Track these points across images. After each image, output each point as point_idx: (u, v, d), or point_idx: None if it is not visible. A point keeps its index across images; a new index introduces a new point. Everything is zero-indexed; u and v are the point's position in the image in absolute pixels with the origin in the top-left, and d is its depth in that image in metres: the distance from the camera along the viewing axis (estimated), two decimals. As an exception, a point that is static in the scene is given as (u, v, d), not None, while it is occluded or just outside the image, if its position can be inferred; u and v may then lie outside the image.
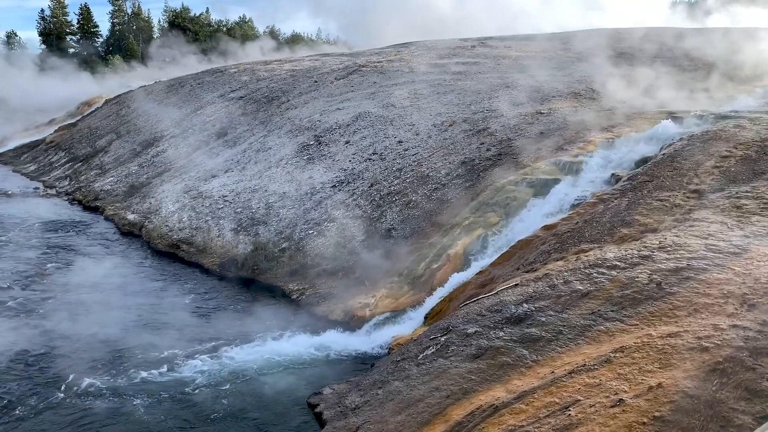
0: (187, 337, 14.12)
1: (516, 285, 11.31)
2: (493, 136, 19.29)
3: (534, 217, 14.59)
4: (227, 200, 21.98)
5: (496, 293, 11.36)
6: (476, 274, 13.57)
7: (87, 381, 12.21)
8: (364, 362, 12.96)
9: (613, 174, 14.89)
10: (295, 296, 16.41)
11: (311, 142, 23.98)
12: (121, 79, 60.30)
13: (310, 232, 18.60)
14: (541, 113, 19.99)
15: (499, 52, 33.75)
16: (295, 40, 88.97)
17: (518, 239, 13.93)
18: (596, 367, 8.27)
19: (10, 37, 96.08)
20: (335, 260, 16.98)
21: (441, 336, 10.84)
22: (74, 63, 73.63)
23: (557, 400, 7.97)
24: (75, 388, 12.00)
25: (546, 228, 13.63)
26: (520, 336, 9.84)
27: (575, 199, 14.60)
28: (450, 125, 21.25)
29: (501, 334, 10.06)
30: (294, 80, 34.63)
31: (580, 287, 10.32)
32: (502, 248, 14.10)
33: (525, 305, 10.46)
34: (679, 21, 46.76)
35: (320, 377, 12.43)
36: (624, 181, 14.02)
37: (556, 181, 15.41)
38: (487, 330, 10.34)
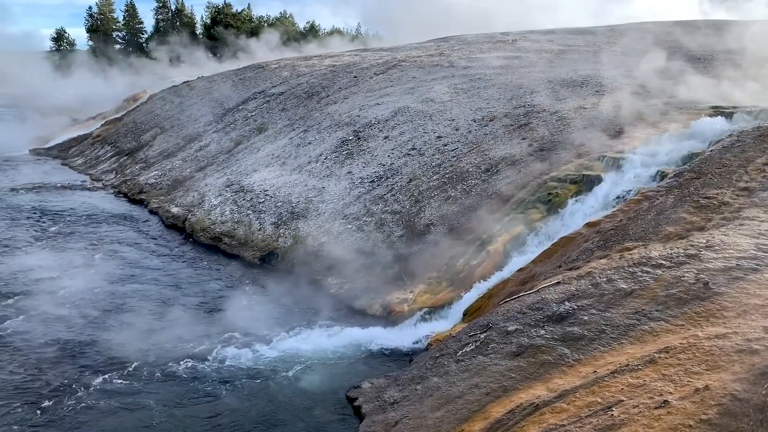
0: (228, 329, 14.36)
1: (558, 283, 11.17)
2: (534, 131, 19.06)
3: (577, 214, 14.38)
4: (268, 194, 22.24)
5: (538, 291, 11.25)
6: (517, 271, 13.45)
7: (132, 370, 12.52)
8: (402, 357, 12.98)
9: (658, 170, 14.55)
10: (333, 290, 16.51)
11: (350, 138, 24.07)
12: (165, 75, 61.45)
13: (349, 226, 18.69)
14: (584, 108, 19.65)
15: (541, 46, 33.30)
16: (332, 34, 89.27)
17: (560, 236, 13.76)
18: (640, 367, 8.12)
19: (60, 33, 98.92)
20: (373, 255, 17.03)
21: (481, 333, 10.78)
22: (120, 59, 75.30)
23: (599, 400, 7.86)
24: (119, 377, 12.31)
25: (589, 225, 13.42)
26: (562, 334, 9.72)
27: (619, 196, 14.33)
28: (491, 120, 21.07)
29: (542, 332, 9.96)
30: (334, 75, 34.79)
31: (623, 286, 10.14)
32: (544, 245, 13.94)
33: (567, 303, 10.33)
34: (721, 13, 45.46)
35: (358, 371, 12.51)
36: (670, 178, 13.70)
37: (600, 177, 15.14)
38: (528, 328, 10.25)
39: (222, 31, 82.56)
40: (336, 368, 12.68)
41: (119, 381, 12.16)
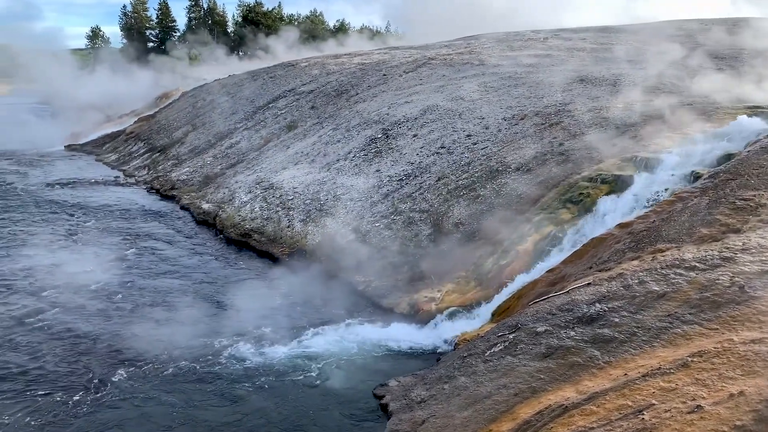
0: (255, 325, 14.49)
1: (588, 284, 11.05)
2: (566, 130, 18.85)
3: (608, 215, 14.18)
4: (297, 192, 22.40)
5: (568, 292, 11.13)
6: (546, 271, 13.32)
7: (159, 365, 12.71)
8: (429, 356, 12.97)
9: (692, 171, 14.27)
10: (361, 287, 16.55)
11: (379, 136, 24.10)
12: (196, 73, 62.23)
13: (377, 224, 18.72)
14: (617, 107, 19.38)
15: (573, 44, 32.91)
16: (363, 32, 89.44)
17: (591, 237, 13.58)
18: (672, 371, 7.98)
19: (95, 32, 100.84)
20: (401, 253, 17.03)
21: (509, 333, 10.72)
22: (153, 57, 76.45)
23: (630, 403, 7.75)
24: (147, 371, 12.52)
25: (621, 226, 13.23)
26: (592, 336, 9.61)
27: (652, 197, 14.09)
28: (521, 119, 20.90)
29: (572, 333, 9.86)
30: (363, 73, 34.85)
31: (656, 288, 9.98)
32: (574, 246, 13.78)
33: (597, 305, 10.21)
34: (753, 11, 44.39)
35: (385, 369, 12.52)
36: (705, 179, 13.43)
37: (632, 177, 14.90)
38: (558, 329, 10.16)
39: (253, 29, 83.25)
40: (363, 366, 12.72)
41: (146, 375, 12.33)
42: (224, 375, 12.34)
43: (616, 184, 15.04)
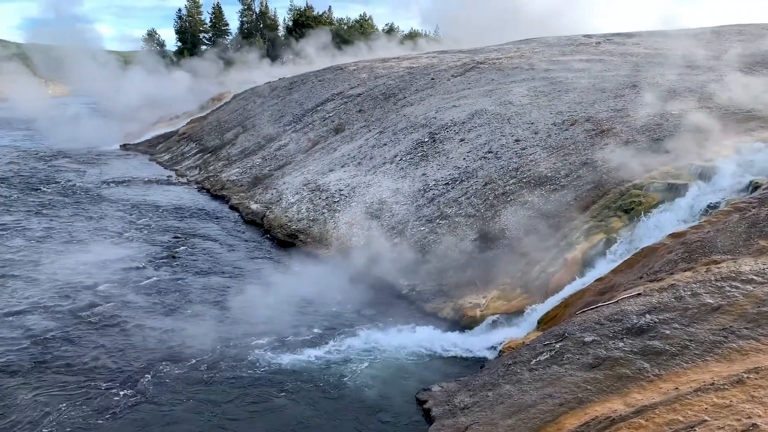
0: (300, 326, 14.65)
1: (639, 294, 10.79)
2: (618, 137, 18.46)
3: (660, 224, 13.81)
4: (343, 194, 22.56)
5: (617, 302, 10.89)
6: (595, 280, 13.05)
7: (204, 362, 12.96)
8: (473, 363, 12.87)
9: (751, 181, 13.79)
10: (405, 291, 16.54)
11: (426, 139, 24.08)
12: (248, 75, 63.40)
13: (422, 228, 18.69)
14: (671, 114, 18.88)
15: (625, 49, 32.24)
16: (412, 36, 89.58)
17: (642, 246, 13.25)
18: (726, 386, 7.72)
19: (151, 35, 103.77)
20: (446, 258, 16.95)
21: (556, 342, 10.55)
22: (206, 59, 78.26)
23: (681, 419, 7.52)
24: (192, 368, 12.78)
25: (673, 236, 12.87)
26: (642, 348, 9.38)
27: (707, 207, 13.67)
28: (572, 124, 20.57)
29: (620, 344, 9.64)
30: (411, 77, 34.89)
31: (710, 301, 9.68)
32: (624, 255, 13.47)
33: (648, 316, 9.96)
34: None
35: (428, 374, 12.48)
36: (764, 189, 12.96)
37: (686, 186, 14.49)
38: (606, 339, 9.95)
39: (304, 32, 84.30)
40: (406, 370, 12.70)
41: (185, 374, 12.51)
42: (262, 376, 12.43)
43: (669, 193, 14.65)
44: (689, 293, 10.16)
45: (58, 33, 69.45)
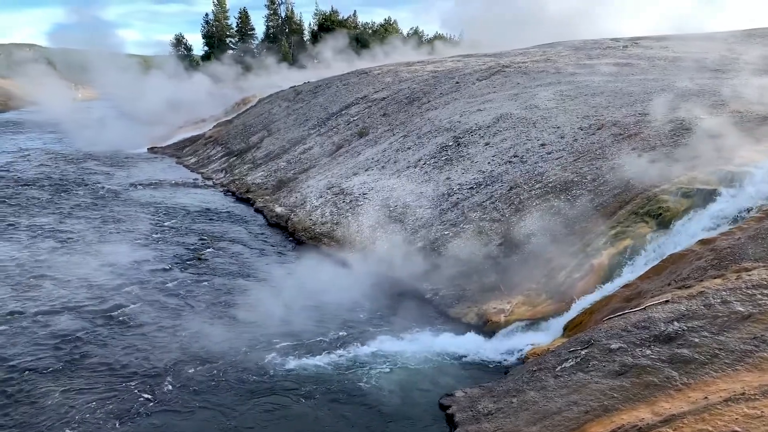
0: (322, 329, 14.69)
1: (666, 301, 10.62)
2: (645, 141, 18.22)
3: (689, 230, 13.58)
4: (366, 197, 22.59)
5: (644, 309, 10.74)
6: (622, 287, 12.89)
7: (226, 365, 13.05)
8: (496, 369, 12.78)
9: (784, 187, 13.51)
10: (428, 296, 16.50)
11: (450, 143, 24.02)
12: (273, 79, 63.88)
13: (446, 233, 18.63)
14: (700, 118, 18.56)
15: (654, 52, 31.85)
16: (436, 39, 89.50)
17: (670, 253, 13.05)
18: (758, 397, 7.56)
19: (179, 39, 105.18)
20: (470, 263, 16.86)
21: (581, 349, 10.43)
22: (232, 63, 79.07)
23: (710, 429, 7.38)
24: (213, 369, 12.88)
25: (703, 242, 12.65)
26: (670, 356, 9.23)
27: (737, 213, 13.40)
28: (598, 129, 20.36)
29: (648, 352, 9.50)
30: (435, 81, 34.86)
31: (740, 309, 9.50)
32: (652, 261, 13.27)
33: (676, 324, 9.80)
34: None
35: (451, 379, 12.42)
36: (797, 195, 12.69)
37: (716, 192, 14.23)
38: (633, 347, 9.81)
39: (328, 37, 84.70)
40: (429, 374, 12.66)
41: (213, 376, 12.61)
42: (283, 379, 12.45)
43: (698, 199, 14.41)
44: (719, 301, 9.98)
45: (84, 38, 70.80)
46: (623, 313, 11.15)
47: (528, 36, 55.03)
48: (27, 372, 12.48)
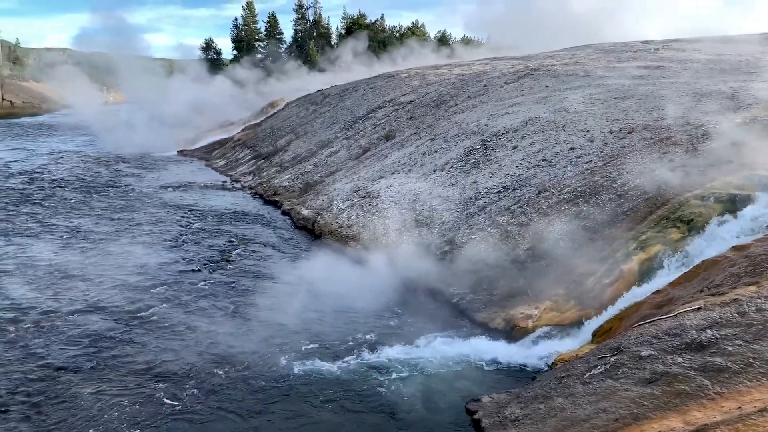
0: (347, 333, 14.69)
1: (699, 308, 10.41)
2: (677, 145, 17.92)
3: (722, 236, 13.30)
4: (393, 201, 22.59)
5: (675, 316, 10.54)
6: (652, 293, 12.66)
7: (253, 367, 13.12)
8: (523, 374, 12.66)
9: (822, 193, 13.16)
10: (455, 300, 16.41)
11: (477, 147, 23.91)
12: (301, 83, 64.36)
13: (473, 237, 18.53)
14: (734, 122, 18.21)
15: (686, 55, 31.31)
16: (466, 42, 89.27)
17: (702, 259, 12.80)
18: (795, 408, 7.37)
19: (208, 44, 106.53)
20: (497, 267, 16.74)
21: (611, 356, 10.28)
22: (261, 67, 79.87)
23: (745, 440, 7.22)
24: (242, 369, 12.96)
25: (736, 249, 12.39)
26: (702, 364, 9.04)
27: (773, 219, 13.11)
28: (629, 132, 20.08)
29: (679, 360, 9.32)
30: (463, 84, 34.76)
31: (776, 317, 9.26)
32: (683, 267, 13.02)
33: (708, 331, 9.61)
34: None
35: (478, 384, 12.34)
36: (836, 201, 12.35)
37: (751, 197, 13.93)
38: (663, 354, 9.64)
39: (356, 41, 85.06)
40: (455, 379, 12.59)
41: (236, 378, 12.65)
42: (306, 386, 12.40)
43: (732, 204, 14.11)
44: (753, 308, 9.76)
45: (110, 42, 72.04)
46: (654, 320, 10.96)
47: (553, 39, 54.68)
48: (59, 371, 12.71)
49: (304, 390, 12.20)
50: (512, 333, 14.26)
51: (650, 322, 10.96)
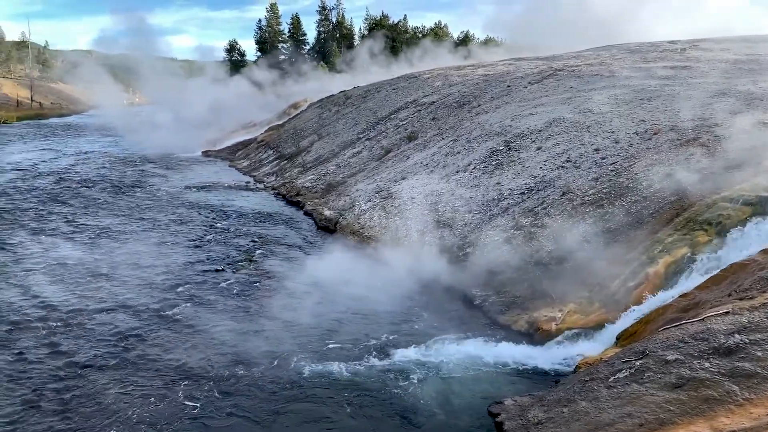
0: (369, 335, 14.67)
1: (726, 313, 10.23)
2: (704, 147, 17.64)
3: (751, 239, 13.03)
4: (415, 202, 22.57)
5: (703, 320, 10.37)
6: (679, 296, 12.47)
7: (276, 367, 13.17)
8: (547, 377, 12.54)
9: None
10: (477, 302, 16.34)
11: (501, 148, 23.78)
12: (323, 84, 64.67)
13: (496, 239, 18.43)
14: (763, 123, 17.88)
15: (714, 55, 30.82)
16: (487, 42, 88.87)
17: (731, 262, 12.57)
18: (826, 415, 7.21)
19: (232, 45, 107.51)
20: (521, 269, 16.64)
21: (636, 360, 10.15)
22: (284, 69, 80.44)
23: (775, 447, 7.08)
24: (263, 373, 13.02)
25: (765, 252, 12.15)
26: (730, 370, 8.88)
27: (804, 221, 12.85)
28: (655, 134, 19.82)
29: (706, 365, 9.16)
30: (486, 85, 34.61)
31: (807, 322, 9.07)
32: (711, 271, 12.80)
33: (737, 336, 9.43)
34: None
35: (500, 386, 12.26)
36: None
37: (781, 199, 13.66)
38: (690, 359, 9.48)
39: (379, 41, 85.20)
40: (477, 381, 12.52)
41: (257, 378, 12.68)
42: (327, 387, 12.37)
43: (761, 207, 13.84)
44: (784, 313, 9.56)
45: (134, 44, 73.13)
46: (680, 324, 10.79)
47: (573, 39, 54.24)
48: (86, 368, 12.90)
49: (323, 393, 12.14)
50: (535, 335, 14.15)
51: (676, 325, 10.80)
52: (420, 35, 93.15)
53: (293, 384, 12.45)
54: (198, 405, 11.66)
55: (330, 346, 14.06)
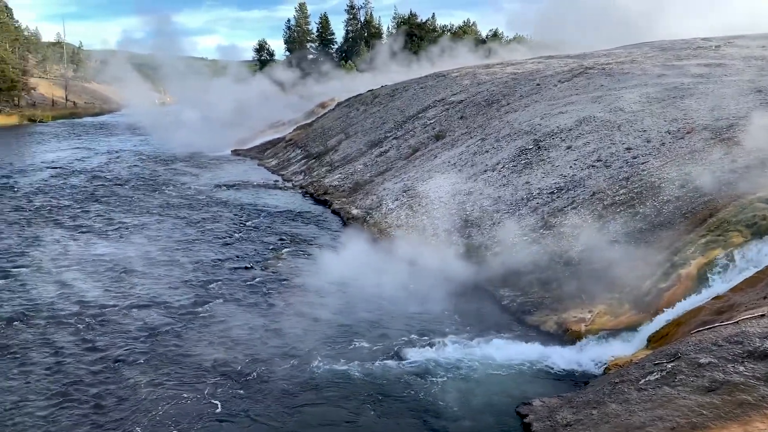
0: (397, 333, 14.67)
1: (762, 315, 10.03)
2: (739, 146, 17.27)
3: (788, 240, 12.79)
4: (442, 201, 22.50)
5: (737, 323, 10.18)
6: (712, 298, 12.25)
7: (302, 365, 13.22)
8: (576, 379, 12.41)
9: None
10: (505, 302, 16.24)
11: (530, 147, 23.59)
12: (351, 83, 64.87)
13: (525, 238, 18.29)
14: (801, 121, 17.45)
15: (749, 52, 30.15)
16: (518, 40, 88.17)
17: (766, 264, 12.31)
18: None
19: (261, 45, 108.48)
20: (549, 269, 16.49)
21: (667, 362, 9.99)
22: (312, 68, 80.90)
23: (812, 454, 6.91)
24: (288, 371, 13.08)
25: (803, 254, 11.88)
26: (765, 374, 8.70)
27: (844, 223, 12.50)
28: (688, 132, 19.47)
29: (741, 368, 8.99)
30: (515, 83, 34.36)
31: None
32: (746, 273, 12.54)
33: (773, 340, 9.23)
34: None
35: (528, 387, 12.16)
36: None
37: (819, 200, 13.33)
38: (724, 362, 9.31)
39: (407, 40, 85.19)
40: (505, 382, 12.44)
41: (283, 375, 12.74)
42: (352, 386, 12.36)
43: (800, 207, 13.53)
44: (822, 317, 9.34)
45: (160, 44, 74.12)
46: (713, 326, 10.61)
47: (601, 36, 53.45)
48: (117, 363, 13.15)
49: (346, 392, 12.10)
50: (564, 336, 14.01)
51: (710, 328, 10.62)
52: (449, 33, 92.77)
53: (316, 384, 12.43)
54: (222, 402, 11.74)
55: (356, 344, 14.08)
